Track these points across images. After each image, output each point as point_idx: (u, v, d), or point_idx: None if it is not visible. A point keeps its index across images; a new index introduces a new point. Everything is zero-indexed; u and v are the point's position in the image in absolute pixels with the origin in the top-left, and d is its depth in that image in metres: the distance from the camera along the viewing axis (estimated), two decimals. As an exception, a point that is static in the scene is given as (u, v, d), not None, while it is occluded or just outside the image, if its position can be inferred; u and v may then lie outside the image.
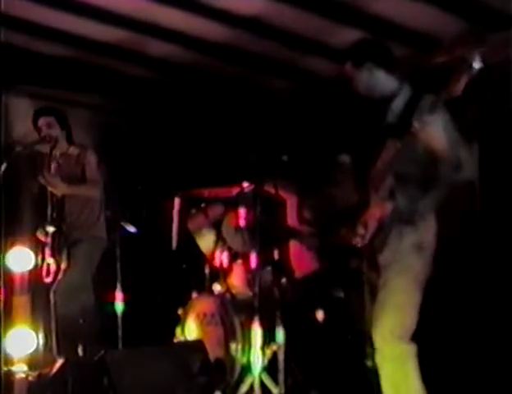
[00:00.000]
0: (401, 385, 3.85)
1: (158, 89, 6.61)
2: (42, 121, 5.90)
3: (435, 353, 4.70)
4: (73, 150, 5.94)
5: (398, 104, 3.95)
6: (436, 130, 3.77)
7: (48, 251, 5.63)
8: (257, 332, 4.79)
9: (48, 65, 6.14)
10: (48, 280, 5.59)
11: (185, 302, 5.67)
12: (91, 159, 5.86)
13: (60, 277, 5.64)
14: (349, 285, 4.96)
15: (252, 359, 4.85)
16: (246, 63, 6.19)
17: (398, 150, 3.78)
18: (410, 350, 3.86)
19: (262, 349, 4.89)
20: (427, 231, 3.93)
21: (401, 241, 3.87)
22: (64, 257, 5.69)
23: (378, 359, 3.87)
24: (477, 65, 3.51)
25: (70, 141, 5.99)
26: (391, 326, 3.82)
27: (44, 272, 5.63)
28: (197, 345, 5.05)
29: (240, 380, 5.04)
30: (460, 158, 3.80)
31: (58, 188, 5.68)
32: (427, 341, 4.11)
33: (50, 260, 5.63)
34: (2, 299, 5.30)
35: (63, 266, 5.68)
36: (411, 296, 3.89)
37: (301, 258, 5.86)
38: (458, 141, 3.85)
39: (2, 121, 5.71)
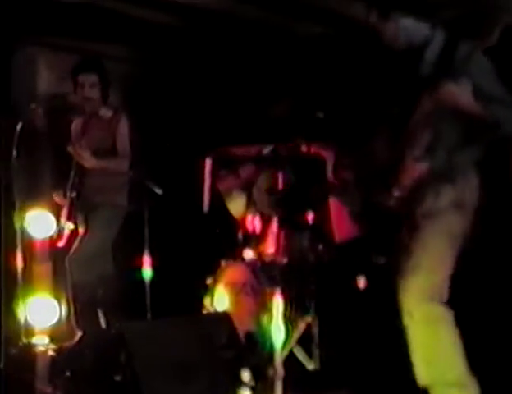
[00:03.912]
0: (433, 349, 3.69)
1: (185, 38, 6.24)
2: (83, 79, 5.51)
3: (477, 319, 4.46)
4: (105, 112, 5.56)
5: (431, 54, 3.69)
6: (464, 90, 3.49)
7: (65, 215, 5.43)
8: (278, 302, 4.45)
9: (67, 12, 5.67)
10: (61, 244, 5.41)
11: (214, 270, 5.40)
12: (124, 129, 5.51)
13: (76, 244, 5.41)
14: (390, 250, 4.74)
15: (273, 331, 4.50)
16: (280, 9, 5.76)
17: (434, 104, 3.56)
18: (443, 312, 3.68)
19: (290, 321, 4.67)
20: (467, 188, 3.73)
21: (439, 199, 3.69)
22: (81, 223, 5.46)
23: (408, 321, 3.71)
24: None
25: (105, 102, 5.63)
26: (424, 286, 3.69)
27: (66, 238, 5.41)
28: (222, 318, 4.77)
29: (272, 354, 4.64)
30: (498, 116, 3.52)
31: (90, 163, 5.37)
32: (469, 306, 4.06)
33: (70, 225, 5.39)
34: (21, 266, 5.06)
35: (80, 232, 5.45)
36: (446, 256, 3.74)
37: (341, 223, 5.48)
38: (495, 97, 3.56)
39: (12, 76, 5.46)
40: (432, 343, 3.67)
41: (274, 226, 5.35)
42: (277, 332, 4.42)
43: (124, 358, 4.18)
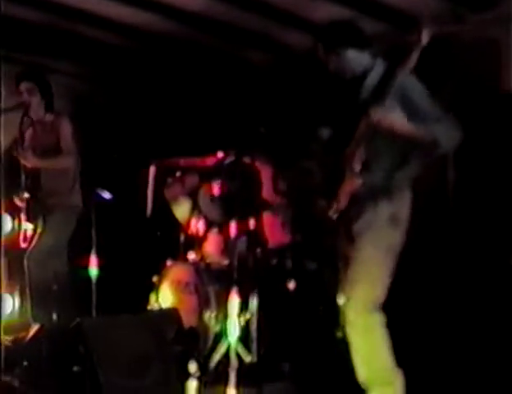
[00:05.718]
0: (373, 355, 3.97)
1: (135, 57, 6.58)
2: (23, 87, 5.82)
3: (406, 323, 4.82)
4: (48, 117, 5.91)
5: (371, 81, 4.00)
6: (395, 113, 3.83)
7: (24, 217, 5.71)
8: (234, 300, 4.88)
9: (22, 29, 6.06)
10: (25, 245, 5.66)
11: (160, 269, 5.69)
12: (66, 128, 5.83)
13: (34, 243, 5.70)
14: (322, 256, 5.06)
15: (228, 327, 4.91)
16: (224, 34, 6.18)
17: (369, 125, 3.84)
18: (380, 319, 3.95)
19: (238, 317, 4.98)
20: (402, 203, 4.01)
21: (376, 213, 3.94)
22: (39, 223, 5.76)
23: (350, 330, 3.97)
24: (424, 42, 3.71)
25: (48, 109, 5.94)
26: (365, 298, 3.91)
27: (21, 238, 5.69)
28: (171, 314, 5.04)
29: (214, 349, 5.10)
30: (436, 135, 3.83)
31: (31, 162, 5.72)
32: (400, 311, 4.29)
33: (27, 225, 5.69)
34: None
35: (38, 232, 5.74)
36: (384, 268, 3.97)
37: (274, 230, 5.87)
38: (433, 117, 3.87)
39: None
40: (371, 348, 3.95)
41: (216, 230, 5.76)
42: (233, 327, 4.85)
43: (82, 350, 4.35)
